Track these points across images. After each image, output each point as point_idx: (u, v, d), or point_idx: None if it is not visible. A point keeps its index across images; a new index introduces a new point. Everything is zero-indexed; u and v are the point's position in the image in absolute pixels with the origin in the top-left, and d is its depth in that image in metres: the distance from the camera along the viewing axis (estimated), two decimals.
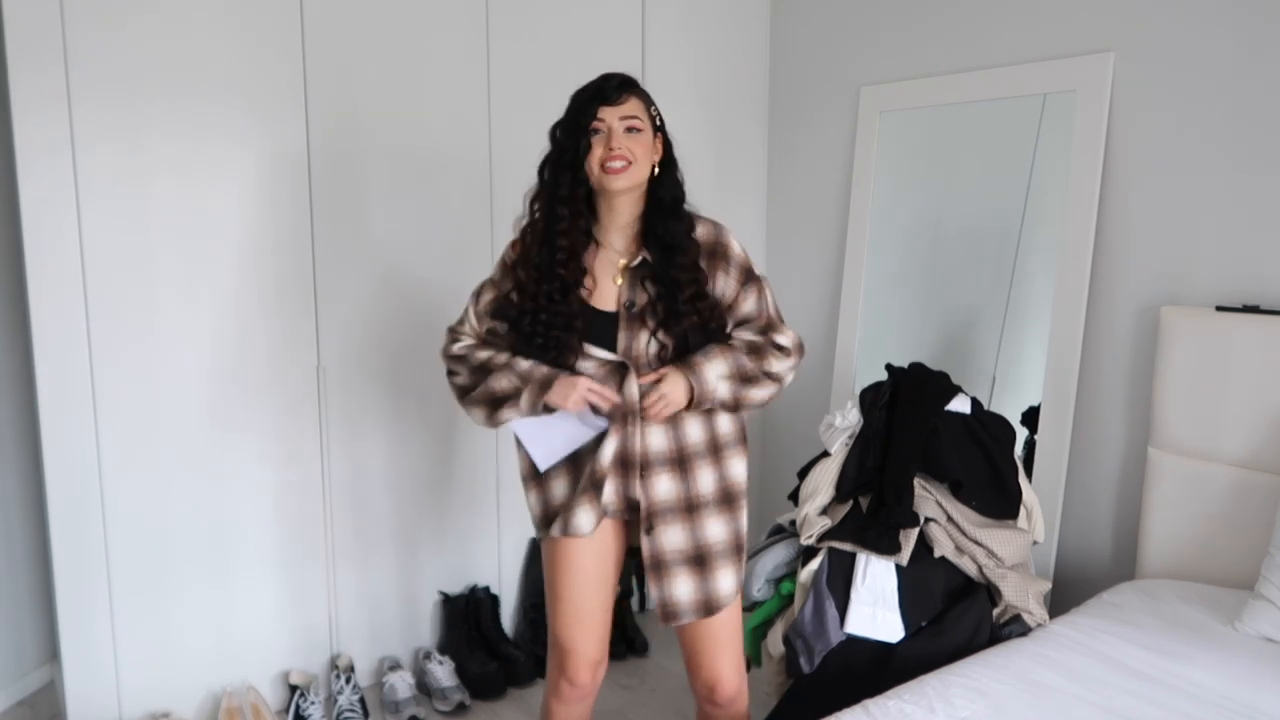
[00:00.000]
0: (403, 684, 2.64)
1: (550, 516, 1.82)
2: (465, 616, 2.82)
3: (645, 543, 1.75)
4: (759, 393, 1.77)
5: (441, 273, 2.73)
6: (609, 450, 1.74)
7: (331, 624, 2.69)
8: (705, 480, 1.78)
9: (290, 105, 2.44)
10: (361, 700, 2.57)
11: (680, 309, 1.72)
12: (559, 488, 1.82)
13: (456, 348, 1.88)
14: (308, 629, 2.65)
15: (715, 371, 1.71)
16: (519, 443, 1.83)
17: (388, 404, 2.69)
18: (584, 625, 1.86)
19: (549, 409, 1.73)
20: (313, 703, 2.52)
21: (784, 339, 1.80)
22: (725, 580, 1.78)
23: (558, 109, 1.78)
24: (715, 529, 1.78)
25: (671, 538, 1.76)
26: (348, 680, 2.58)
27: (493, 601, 2.88)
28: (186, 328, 2.37)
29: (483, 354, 1.83)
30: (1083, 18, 2.50)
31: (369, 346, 2.64)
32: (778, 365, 1.78)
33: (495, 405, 1.79)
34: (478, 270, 2.78)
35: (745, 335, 1.78)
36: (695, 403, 1.71)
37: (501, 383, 1.78)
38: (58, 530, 2.26)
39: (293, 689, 2.55)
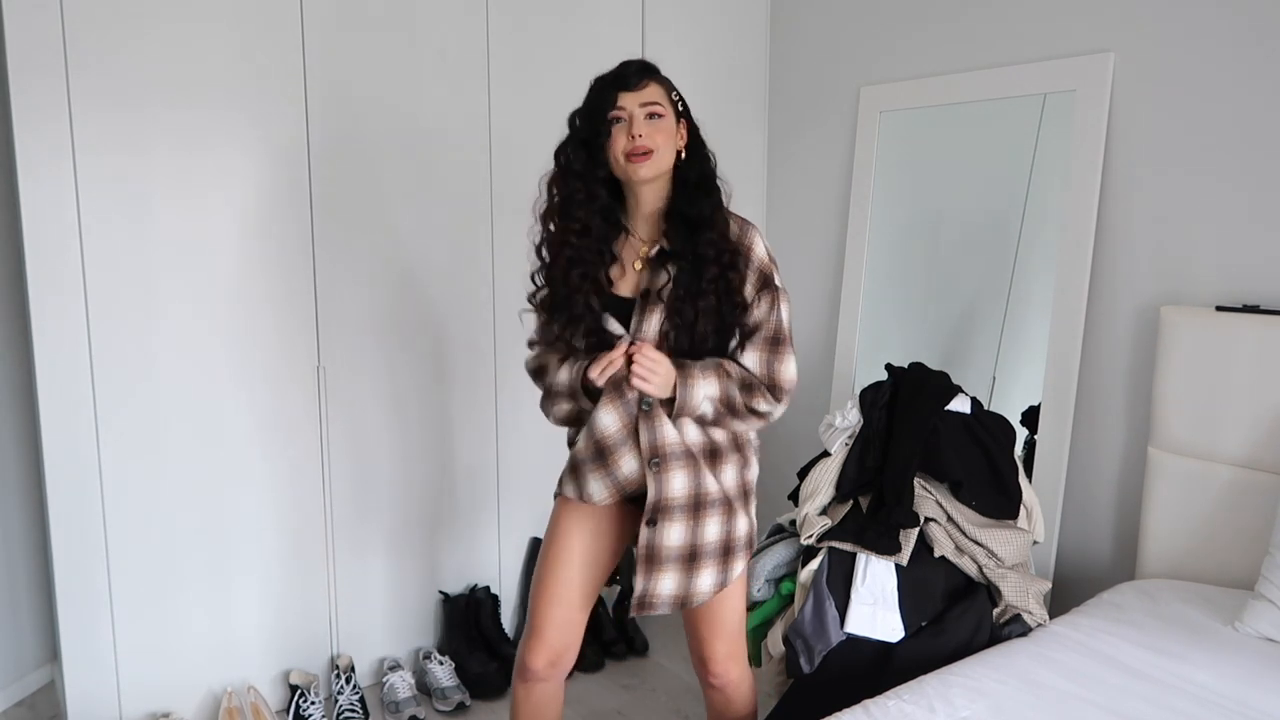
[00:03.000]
0: (403, 684, 2.64)
1: (571, 478, 1.83)
2: (465, 616, 2.83)
3: (644, 533, 1.74)
4: (739, 425, 1.75)
5: (442, 273, 2.74)
6: (606, 419, 1.72)
7: (331, 624, 2.69)
8: (714, 481, 1.76)
9: (290, 110, 2.44)
10: (361, 700, 2.57)
11: (702, 286, 1.68)
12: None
13: (527, 361, 1.90)
14: (308, 629, 2.65)
15: (704, 391, 1.68)
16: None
17: (388, 404, 2.69)
18: (558, 606, 1.82)
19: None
20: (313, 703, 2.52)
21: (784, 371, 1.73)
22: (706, 579, 1.77)
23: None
24: (713, 529, 1.76)
25: (673, 535, 1.74)
26: (348, 680, 2.58)
27: (493, 601, 2.88)
28: (186, 328, 2.36)
29: (542, 373, 1.84)
30: (1083, 18, 2.50)
31: (369, 346, 2.64)
32: (764, 405, 1.73)
33: (576, 423, 1.82)
34: (477, 269, 2.80)
35: (745, 367, 1.73)
36: (674, 411, 1.69)
37: (563, 407, 1.81)
38: (58, 530, 2.25)
39: (293, 689, 2.55)
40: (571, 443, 1.86)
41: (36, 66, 2.11)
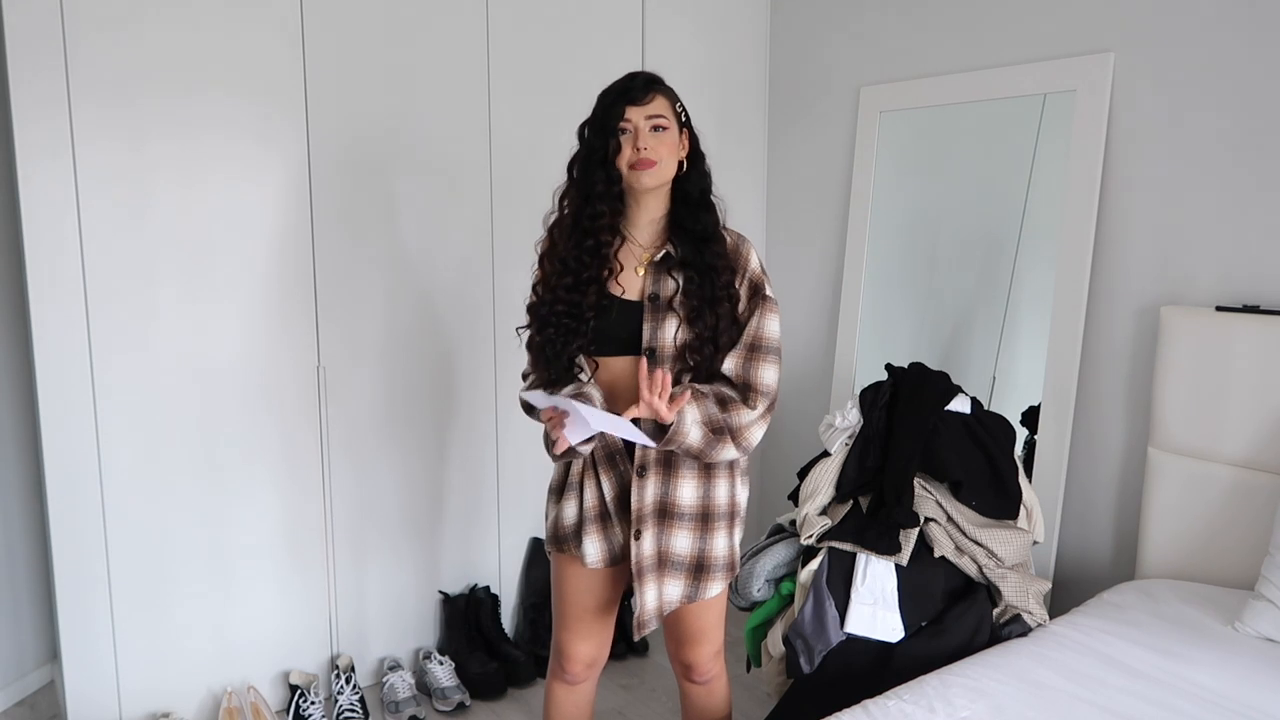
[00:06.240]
0: (403, 684, 2.64)
1: (559, 537, 1.84)
2: (465, 616, 2.83)
3: (633, 548, 1.74)
4: (725, 452, 1.69)
5: (442, 271, 2.73)
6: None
7: (331, 624, 2.69)
8: (689, 492, 1.77)
9: (290, 105, 2.44)
10: (361, 700, 2.57)
11: (717, 294, 1.71)
12: (570, 511, 1.82)
13: (520, 391, 1.87)
14: (308, 629, 2.65)
15: (692, 416, 1.65)
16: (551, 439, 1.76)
17: (388, 403, 2.69)
18: (581, 634, 1.89)
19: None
20: (313, 703, 2.52)
21: (763, 375, 1.72)
22: (673, 589, 1.78)
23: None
24: (682, 541, 1.77)
25: (648, 544, 1.75)
26: (348, 680, 2.58)
27: (493, 601, 2.88)
28: (187, 327, 2.36)
29: (531, 410, 1.82)
30: (1083, 18, 2.50)
31: (369, 346, 2.64)
32: (744, 416, 1.69)
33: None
34: (477, 269, 2.80)
35: (723, 373, 1.73)
36: (666, 438, 1.65)
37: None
38: (58, 531, 2.25)
39: (293, 689, 2.55)
40: (549, 493, 1.87)
41: (36, 58, 2.11)
